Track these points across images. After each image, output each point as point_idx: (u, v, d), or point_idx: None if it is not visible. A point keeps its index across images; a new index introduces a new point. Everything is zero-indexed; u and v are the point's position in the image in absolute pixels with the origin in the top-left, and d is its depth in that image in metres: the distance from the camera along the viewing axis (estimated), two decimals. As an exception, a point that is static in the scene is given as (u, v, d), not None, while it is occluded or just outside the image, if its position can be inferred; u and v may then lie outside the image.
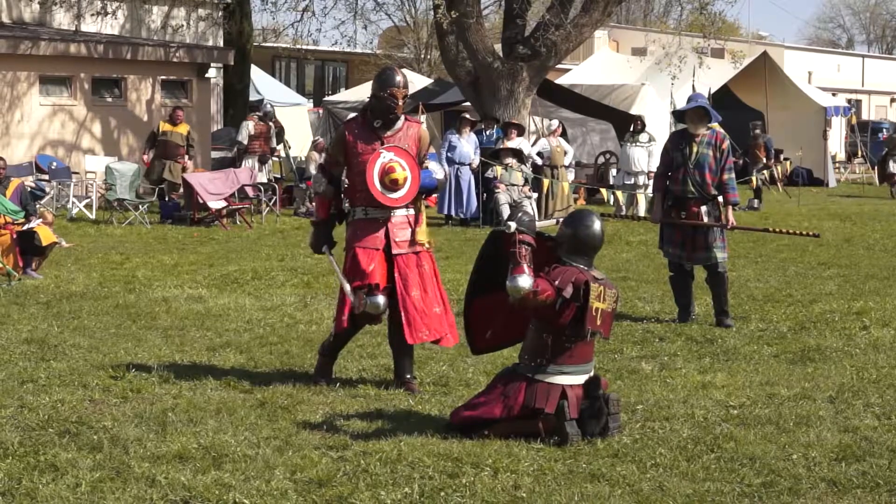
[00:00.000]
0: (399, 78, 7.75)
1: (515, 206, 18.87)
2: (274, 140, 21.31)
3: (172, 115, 20.24)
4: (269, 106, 22.23)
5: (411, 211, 7.79)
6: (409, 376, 7.80)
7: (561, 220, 7.12)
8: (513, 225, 6.59)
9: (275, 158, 22.48)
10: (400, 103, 7.71)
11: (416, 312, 7.63)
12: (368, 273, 7.59)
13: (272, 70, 35.50)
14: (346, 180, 7.90)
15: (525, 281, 6.43)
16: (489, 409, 6.56)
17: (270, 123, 21.39)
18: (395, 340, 7.83)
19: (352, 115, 9.22)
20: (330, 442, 6.38)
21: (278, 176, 22.14)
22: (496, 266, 6.71)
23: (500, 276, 6.60)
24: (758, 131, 26.14)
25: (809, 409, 7.17)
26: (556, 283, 6.51)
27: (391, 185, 7.61)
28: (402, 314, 7.64)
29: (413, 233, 7.74)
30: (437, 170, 8.01)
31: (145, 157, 20.02)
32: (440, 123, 29.12)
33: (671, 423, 6.82)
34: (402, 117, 7.86)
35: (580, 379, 6.62)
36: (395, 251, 7.67)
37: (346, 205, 7.93)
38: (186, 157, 19.94)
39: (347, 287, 7.62)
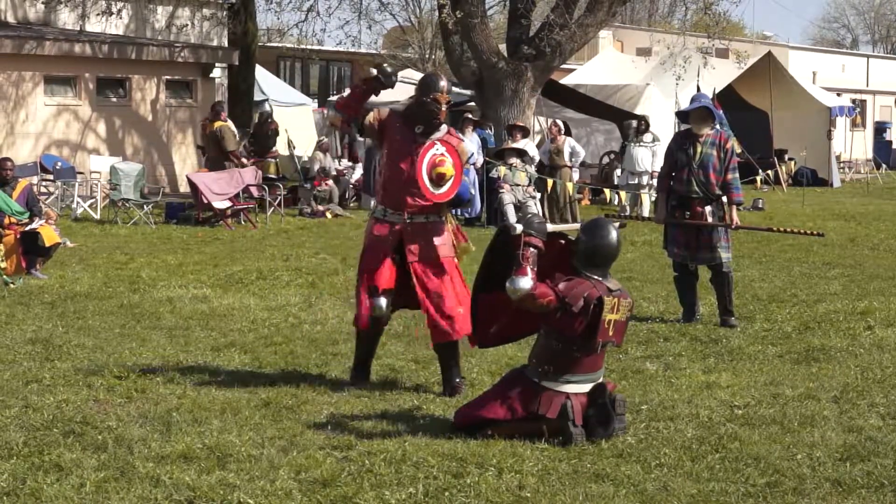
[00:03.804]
0: (443, 83, 7.55)
1: (519, 207, 18.89)
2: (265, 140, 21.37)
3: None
4: (266, 106, 22.28)
5: (432, 218, 7.60)
6: (457, 380, 7.62)
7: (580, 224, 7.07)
8: (518, 227, 6.59)
9: (271, 159, 22.52)
10: (443, 108, 7.50)
11: (438, 315, 7.52)
12: (374, 273, 7.59)
13: (277, 70, 35.48)
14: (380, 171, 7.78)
15: (525, 283, 6.43)
16: (493, 409, 6.56)
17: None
18: (435, 347, 7.70)
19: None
20: (334, 442, 6.38)
21: (282, 175, 22.13)
22: (504, 264, 6.69)
23: (507, 275, 6.58)
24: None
25: (814, 409, 7.17)
26: (563, 292, 6.47)
27: (437, 179, 7.44)
28: (427, 319, 7.60)
29: (431, 242, 7.55)
30: (469, 187, 7.91)
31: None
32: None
33: (676, 423, 6.82)
34: (446, 128, 7.65)
35: (586, 388, 6.60)
36: (409, 259, 7.56)
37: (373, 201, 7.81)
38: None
39: None
